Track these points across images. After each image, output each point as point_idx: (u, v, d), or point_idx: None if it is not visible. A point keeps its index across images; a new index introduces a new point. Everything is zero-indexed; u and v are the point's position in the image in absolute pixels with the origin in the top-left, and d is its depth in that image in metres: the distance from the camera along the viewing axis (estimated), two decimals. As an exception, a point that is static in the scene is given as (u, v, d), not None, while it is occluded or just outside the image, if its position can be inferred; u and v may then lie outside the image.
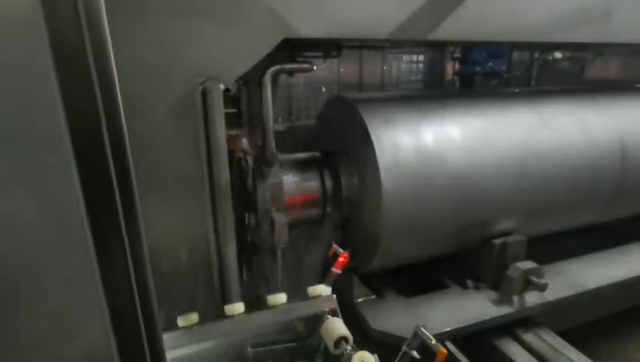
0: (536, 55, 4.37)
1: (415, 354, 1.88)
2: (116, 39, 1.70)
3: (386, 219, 2.45)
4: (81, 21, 0.73)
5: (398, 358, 1.92)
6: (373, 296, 2.83)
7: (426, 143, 2.58)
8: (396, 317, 2.61)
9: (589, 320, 3.34)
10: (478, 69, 4.35)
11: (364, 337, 2.45)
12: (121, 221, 0.80)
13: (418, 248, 2.82)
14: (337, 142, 2.78)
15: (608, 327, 3.63)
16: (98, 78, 0.74)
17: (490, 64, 4.31)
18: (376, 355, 1.64)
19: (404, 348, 1.91)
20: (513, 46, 4.38)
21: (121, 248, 0.81)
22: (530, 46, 4.21)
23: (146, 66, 1.81)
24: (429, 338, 1.86)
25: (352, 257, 2.43)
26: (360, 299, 2.79)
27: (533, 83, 4.75)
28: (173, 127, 1.92)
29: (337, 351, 1.69)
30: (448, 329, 2.51)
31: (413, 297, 2.83)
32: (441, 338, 2.23)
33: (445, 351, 1.82)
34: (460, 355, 2.38)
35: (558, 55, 3.76)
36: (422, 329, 1.89)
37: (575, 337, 2.77)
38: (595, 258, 3.38)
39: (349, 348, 1.69)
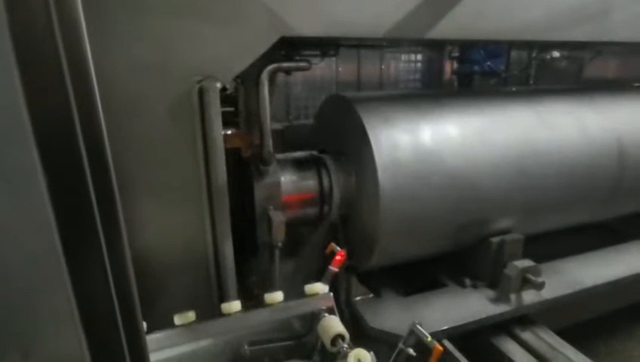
0: (534, 54, 4.37)
1: (411, 351, 1.89)
2: (114, 39, 1.72)
3: (384, 218, 2.46)
4: (51, 9, 0.67)
5: (394, 356, 1.92)
6: (371, 295, 2.84)
7: (424, 142, 2.58)
8: (394, 315, 2.62)
9: (587, 319, 3.34)
10: (476, 68, 4.33)
11: (362, 335, 2.46)
12: (97, 220, 0.75)
13: (416, 247, 2.83)
14: (335, 141, 2.79)
15: (606, 326, 3.63)
16: (71, 72, 0.69)
17: (489, 63, 4.29)
18: (372, 353, 1.64)
19: (400, 345, 1.92)
20: (511, 45, 4.38)
21: (97, 249, 0.76)
22: (527, 45, 4.21)
23: (143, 65, 1.82)
24: (424, 335, 1.86)
25: (350, 256, 2.43)
26: (358, 298, 2.79)
27: (531, 82, 4.75)
28: (171, 126, 1.93)
29: (334, 349, 1.69)
30: (446, 327, 2.51)
31: (410, 296, 2.84)
32: (438, 336, 2.23)
33: (441, 347, 1.82)
34: (457, 353, 2.39)
35: (555, 54, 3.76)
36: (417, 326, 1.89)
37: (573, 335, 2.77)
38: (593, 256, 3.39)
39: (345, 345, 1.69)
